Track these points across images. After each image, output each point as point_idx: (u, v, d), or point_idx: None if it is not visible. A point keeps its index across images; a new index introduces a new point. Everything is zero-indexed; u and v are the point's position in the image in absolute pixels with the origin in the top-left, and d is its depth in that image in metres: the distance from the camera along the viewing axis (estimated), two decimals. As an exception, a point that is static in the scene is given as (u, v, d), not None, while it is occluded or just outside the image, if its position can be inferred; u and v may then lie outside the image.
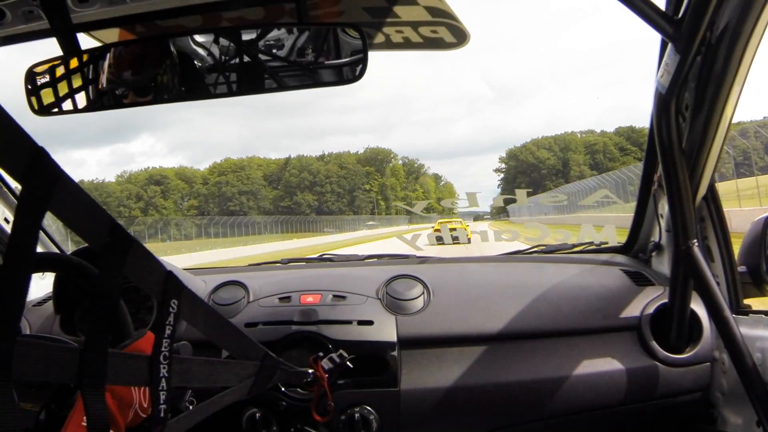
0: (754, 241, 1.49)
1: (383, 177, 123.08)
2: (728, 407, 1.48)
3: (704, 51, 1.21)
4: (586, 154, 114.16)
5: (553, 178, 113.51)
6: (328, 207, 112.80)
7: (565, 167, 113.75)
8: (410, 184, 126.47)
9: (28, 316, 1.78)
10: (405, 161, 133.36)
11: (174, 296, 0.83)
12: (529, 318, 1.61)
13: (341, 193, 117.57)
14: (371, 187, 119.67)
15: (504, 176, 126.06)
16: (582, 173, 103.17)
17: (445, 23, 1.48)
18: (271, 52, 1.34)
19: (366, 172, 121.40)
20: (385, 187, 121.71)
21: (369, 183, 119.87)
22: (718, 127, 1.30)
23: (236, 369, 1.06)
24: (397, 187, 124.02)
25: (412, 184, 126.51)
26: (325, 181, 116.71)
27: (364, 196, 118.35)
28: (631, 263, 1.89)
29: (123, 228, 0.72)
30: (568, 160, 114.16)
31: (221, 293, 1.77)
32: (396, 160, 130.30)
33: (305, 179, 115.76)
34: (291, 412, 1.52)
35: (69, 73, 1.37)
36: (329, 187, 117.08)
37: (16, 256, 0.57)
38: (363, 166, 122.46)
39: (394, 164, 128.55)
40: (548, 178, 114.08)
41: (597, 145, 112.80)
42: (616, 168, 39.91)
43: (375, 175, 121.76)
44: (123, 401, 0.90)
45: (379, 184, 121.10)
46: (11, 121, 0.58)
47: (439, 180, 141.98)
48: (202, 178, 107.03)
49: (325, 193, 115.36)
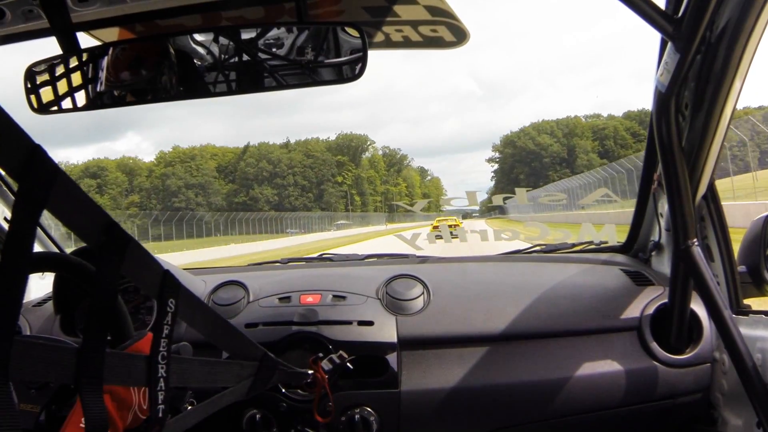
0: (754, 240, 1.48)
1: (358, 168, 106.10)
2: (728, 408, 1.48)
3: (704, 50, 1.21)
4: (594, 140, 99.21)
5: (557, 168, 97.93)
6: (291, 203, 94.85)
7: (571, 155, 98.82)
8: (392, 177, 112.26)
9: (28, 317, 1.78)
10: (386, 152, 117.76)
11: (171, 296, 0.82)
12: (529, 318, 1.61)
13: (307, 187, 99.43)
14: (344, 180, 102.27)
15: (499, 166, 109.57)
16: (590, 162, 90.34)
17: (445, 22, 1.48)
18: (270, 50, 1.34)
19: (338, 161, 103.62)
20: (360, 180, 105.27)
21: (342, 174, 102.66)
22: (717, 125, 1.30)
23: (235, 369, 1.06)
24: (377, 180, 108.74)
25: (393, 177, 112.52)
26: (287, 172, 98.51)
27: (334, 189, 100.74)
28: (631, 263, 1.89)
29: (120, 227, 0.72)
30: (574, 147, 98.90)
31: (221, 293, 1.77)
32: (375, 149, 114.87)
33: (264, 170, 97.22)
34: (291, 413, 1.52)
35: (68, 71, 1.37)
36: (292, 178, 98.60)
37: (13, 254, 0.57)
38: (334, 155, 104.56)
39: (374, 155, 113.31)
40: (551, 168, 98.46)
41: (606, 129, 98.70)
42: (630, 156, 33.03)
43: (349, 166, 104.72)
44: (122, 403, 0.90)
45: (354, 175, 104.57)
46: (8, 119, 0.58)
47: (425, 174, 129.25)
48: (147, 169, 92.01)
49: (287, 186, 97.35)
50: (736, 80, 1.22)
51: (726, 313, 1.28)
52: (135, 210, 70.51)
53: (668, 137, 1.27)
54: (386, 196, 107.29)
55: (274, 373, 1.18)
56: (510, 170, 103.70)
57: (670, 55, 1.19)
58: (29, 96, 1.37)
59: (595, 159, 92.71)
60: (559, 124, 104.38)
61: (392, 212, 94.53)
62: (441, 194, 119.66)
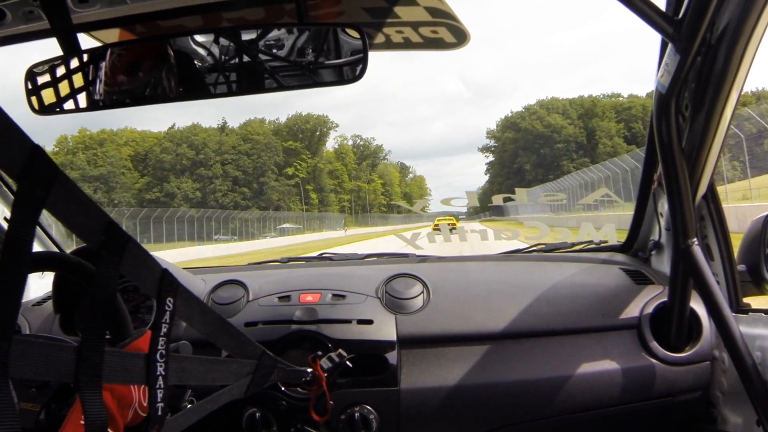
0: (754, 239, 1.49)
1: (316, 156, 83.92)
2: (728, 406, 1.48)
3: (704, 51, 1.21)
4: (619, 122, 78.70)
5: (572, 156, 78.22)
6: (217, 199, 72.08)
7: (591, 139, 78.75)
8: (364, 173, 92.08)
9: (27, 316, 1.78)
10: (356, 141, 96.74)
11: (170, 294, 0.83)
12: (528, 317, 1.61)
13: (241, 179, 76.27)
14: (296, 171, 79.99)
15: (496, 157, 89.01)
16: (615, 149, 72.19)
17: (446, 23, 1.48)
18: (271, 52, 1.34)
19: (287, 148, 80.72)
20: (318, 173, 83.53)
21: (294, 165, 79.97)
22: (717, 126, 1.30)
23: (233, 367, 1.06)
24: (344, 175, 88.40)
25: (366, 172, 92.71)
26: (214, 160, 74.35)
27: (279, 184, 77.65)
28: (631, 262, 1.89)
29: (119, 226, 0.72)
30: (593, 130, 78.78)
31: (220, 292, 1.77)
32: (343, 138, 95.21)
33: (184, 156, 73.17)
34: (291, 411, 1.52)
35: (69, 72, 1.37)
36: (220, 168, 74.41)
37: (12, 254, 0.57)
38: (284, 141, 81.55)
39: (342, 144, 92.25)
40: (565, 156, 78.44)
41: (633, 109, 78.35)
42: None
43: (304, 154, 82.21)
44: (122, 400, 0.90)
45: (310, 166, 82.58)
46: (8, 119, 0.58)
47: (405, 171, 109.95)
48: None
49: (213, 179, 73.76)
50: (736, 81, 1.22)
51: (725, 312, 1.28)
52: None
53: (668, 138, 1.28)
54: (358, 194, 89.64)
55: (273, 371, 1.19)
56: (511, 160, 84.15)
57: (671, 57, 1.19)
58: (30, 97, 1.38)
59: (620, 145, 74.32)
60: (573, 104, 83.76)
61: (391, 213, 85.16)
62: (425, 194, 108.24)
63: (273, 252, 27.63)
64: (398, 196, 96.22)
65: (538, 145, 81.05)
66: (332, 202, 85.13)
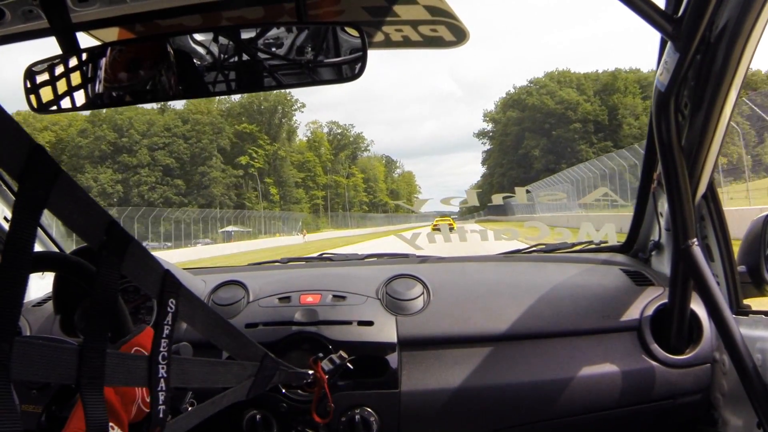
0: (754, 240, 1.48)
1: (276, 143, 67.98)
2: (729, 409, 1.48)
3: (704, 50, 1.21)
4: (645, 99, 61.38)
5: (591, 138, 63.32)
6: (142, 194, 57.27)
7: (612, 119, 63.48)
8: (343, 166, 78.48)
9: (27, 317, 1.78)
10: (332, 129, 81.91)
11: (171, 295, 0.82)
12: (529, 318, 1.61)
13: (174, 169, 59.49)
14: (250, 161, 64.15)
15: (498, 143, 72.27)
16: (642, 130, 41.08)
17: (445, 22, 1.48)
18: (270, 50, 1.34)
19: (239, 132, 64.70)
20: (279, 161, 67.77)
21: (249, 152, 63.83)
22: (717, 125, 1.30)
23: (235, 370, 1.06)
24: (317, 168, 74.31)
25: (345, 165, 79.11)
26: (140, 144, 58.39)
27: (223, 176, 62.01)
28: (631, 263, 1.89)
29: (121, 226, 0.72)
30: (615, 108, 63.40)
31: (221, 293, 1.77)
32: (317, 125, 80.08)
33: (104, 140, 57.51)
34: (291, 413, 1.52)
35: (68, 71, 1.37)
36: (146, 155, 58.34)
37: (13, 254, 0.57)
38: (236, 122, 65.61)
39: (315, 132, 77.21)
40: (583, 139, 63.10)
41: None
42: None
43: (262, 139, 66.15)
44: (126, 397, 0.90)
45: (267, 154, 66.76)
46: (9, 118, 0.58)
47: (392, 166, 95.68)
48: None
49: (138, 168, 57.90)
50: (735, 80, 1.22)
51: (726, 314, 1.28)
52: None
53: (668, 136, 1.27)
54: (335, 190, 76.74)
55: (274, 373, 1.18)
56: (515, 145, 67.91)
57: (670, 55, 1.19)
58: (29, 96, 1.37)
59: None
60: (588, 78, 67.85)
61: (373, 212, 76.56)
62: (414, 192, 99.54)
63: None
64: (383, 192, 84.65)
65: (549, 125, 65.12)
66: (302, 199, 71.11)
